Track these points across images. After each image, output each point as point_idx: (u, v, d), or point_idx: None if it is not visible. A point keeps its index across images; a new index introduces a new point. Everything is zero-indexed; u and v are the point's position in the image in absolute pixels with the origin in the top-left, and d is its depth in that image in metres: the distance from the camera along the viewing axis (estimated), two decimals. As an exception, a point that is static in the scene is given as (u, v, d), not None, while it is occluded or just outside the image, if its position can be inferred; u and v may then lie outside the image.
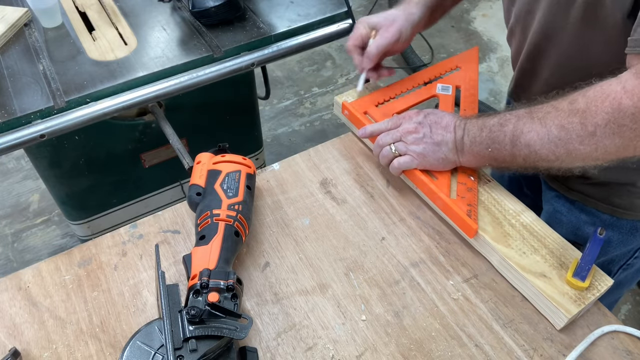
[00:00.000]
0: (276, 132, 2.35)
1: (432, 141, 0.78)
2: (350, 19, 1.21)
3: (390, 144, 0.81)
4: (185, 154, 1.06)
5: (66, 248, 1.37)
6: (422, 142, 0.79)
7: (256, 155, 1.62)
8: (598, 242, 0.70)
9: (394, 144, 0.81)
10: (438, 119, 0.79)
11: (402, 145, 0.80)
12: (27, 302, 0.73)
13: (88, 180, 1.35)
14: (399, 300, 0.73)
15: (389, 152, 0.81)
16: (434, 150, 0.78)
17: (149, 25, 1.18)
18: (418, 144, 0.79)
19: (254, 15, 1.20)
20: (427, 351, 0.68)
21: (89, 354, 0.68)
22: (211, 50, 1.11)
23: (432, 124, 0.79)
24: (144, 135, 1.31)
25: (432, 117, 0.80)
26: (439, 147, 0.78)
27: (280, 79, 2.60)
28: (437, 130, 0.78)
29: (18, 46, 1.11)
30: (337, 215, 0.83)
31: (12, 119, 0.97)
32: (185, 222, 0.83)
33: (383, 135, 0.83)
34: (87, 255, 0.78)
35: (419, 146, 0.79)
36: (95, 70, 1.06)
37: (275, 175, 0.89)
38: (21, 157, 2.21)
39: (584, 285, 0.68)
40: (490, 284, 0.75)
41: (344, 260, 0.78)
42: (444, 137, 0.78)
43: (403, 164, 0.80)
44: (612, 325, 0.69)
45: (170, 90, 1.08)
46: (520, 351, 0.68)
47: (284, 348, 0.68)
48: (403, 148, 0.80)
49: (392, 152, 0.81)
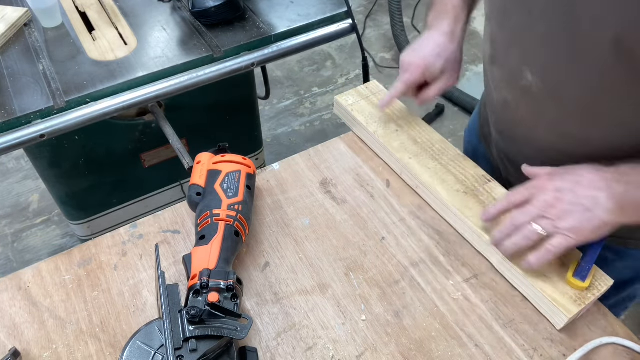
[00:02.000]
0: (276, 132, 2.35)
1: (582, 208, 0.62)
2: (350, 19, 1.21)
3: (532, 223, 0.64)
4: (185, 154, 1.06)
5: (66, 248, 1.37)
6: (571, 213, 0.62)
7: (256, 155, 1.62)
8: (599, 242, 0.70)
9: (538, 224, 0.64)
10: (577, 177, 0.64)
11: (548, 224, 0.64)
12: (27, 302, 0.73)
13: (88, 180, 1.35)
14: (399, 300, 0.73)
15: (534, 234, 0.64)
16: (589, 219, 0.62)
17: (149, 25, 1.18)
18: (567, 218, 0.63)
19: (254, 15, 1.20)
20: (427, 351, 0.68)
21: (89, 354, 0.68)
22: (211, 50, 1.11)
23: (574, 186, 0.63)
24: (144, 135, 1.31)
25: (569, 177, 0.64)
26: (592, 213, 0.62)
27: (280, 79, 2.60)
28: (582, 191, 0.63)
29: (18, 46, 1.11)
30: (337, 215, 0.83)
31: (12, 119, 0.97)
32: (185, 222, 0.83)
33: (517, 213, 0.66)
34: (87, 255, 0.78)
35: (568, 220, 0.63)
36: (95, 70, 1.06)
37: (275, 175, 0.89)
38: (21, 157, 2.21)
39: (584, 285, 0.68)
40: (490, 284, 0.75)
41: (344, 260, 0.78)
42: (595, 198, 0.62)
43: (559, 246, 0.63)
44: (611, 337, 0.69)
45: (170, 90, 1.08)
46: (520, 351, 0.68)
47: (284, 348, 0.68)
48: (550, 227, 0.63)
49: (540, 233, 0.64)
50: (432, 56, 0.82)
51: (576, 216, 0.62)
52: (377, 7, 2.98)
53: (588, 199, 0.62)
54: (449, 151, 0.87)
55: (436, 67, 0.83)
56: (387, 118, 0.92)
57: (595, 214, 0.62)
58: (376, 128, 0.91)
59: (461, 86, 2.50)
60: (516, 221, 0.66)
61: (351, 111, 0.94)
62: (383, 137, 0.89)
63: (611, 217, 0.62)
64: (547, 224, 0.64)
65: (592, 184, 0.63)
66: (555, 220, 0.63)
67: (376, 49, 2.74)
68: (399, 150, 0.87)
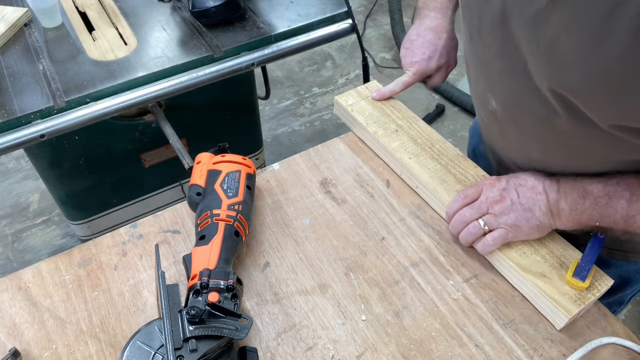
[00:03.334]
0: (276, 132, 2.35)
1: (522, 208, 0.70)
2: (350, 19, 1.21)
3: (478, 219, 0.72)
4: (185, 154, 1.06)
5: (66, 248, 1.37)
6: (512, 210, 0.70)
7: (256, 155, 1.62)
8: (599, 242, 0.70)
9: (481, 219, 0.72)
10: (522, 181, 0.71)
11: (491, 219, 0.71)
12: (27, 302, 0.73)
13: (88, 180, 1.35)
14: (399, 300, 0.73)
15: (478, 228, 0.72)
16: (527, 218, 0.69)
17: (149, 25, 1.18)
18: (508, 214, 0.70)
19: (254, 15, 1.20)
20: (427, 351, 0.68)
21: (89, 354, 0.68)
22: (211, 50, 1.11)
23: (518, 187, 0.71)
24: (144, 135, 1.32)
25: (514, 181, 0.72)
26: (531, 213, 0.69)
27: (280, 79, 2.60)
28: (524, 193, 0.70)
29: (18, 46, 1.11)
30: (337, 215, 0.83)
31: (12, 119, 0.97)
32: (185, 222, 0.83)
33: (466, 210, 0.74)
34: (87, 255, 0.78)
35: (509, 216, 0.70)
36: (95, 70, 1.06)
37: (275, 175, 0.89)
38: (21, 157, 2.22)
39: (584, 285, 0.68)
40: (490, 284, 0.75)
41: (344, 260, 0.78)
42: (535, 201, 0.69)
43: (498, 238, 0.71)
44: (611, 337, 0.69)
45: (170, 90, 1.08)
46: (520, 351, 0.68)
47: (284, 348, 0.68)
48: (493, 221, 0.71)
49: (482, 228, 0.72)
50: (424, 60, 0.92)
51: (517, 214, 0.70)
52: (377, 7, 2.98)
53: (528, 200, 0.69)
54: (448, 151, 0.87)
55: (430, 68, 0.92)
56: (387, 118, 0.92)
57: (534, 214, 0.69)
58: (376, 128, 0.91)
59: (461, 86, 2.50)
60: (465, 217, 0.74)
61: (351, 111, 0.94)
62: (383, 137, 0.89)
63: (547, 220, 0.69)
64: (491, 218, 0.71)
65: (533, 188, 0.70)
66: (498, 215, 0.71)
67: (376, 49, 2.74)
68: (398, 150, 0.87)
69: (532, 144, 0.71)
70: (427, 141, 0.89)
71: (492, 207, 0.71)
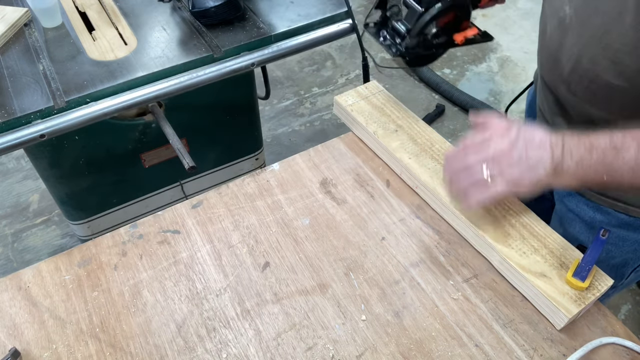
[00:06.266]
0: (276, 132, 2.35)
1: (527, 164, 0.66)
2: (350, 19, 1.21)
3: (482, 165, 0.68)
4: (185, 154, 1.06)
5: (66, 248, 1.37)
6: (517, 165, 0.67)
7: (256, 155, 1.62)
8: (600, 243, 0.70)
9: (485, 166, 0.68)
10: (530, 135, 0.68)
11: (495, 168, 0.67)
12: (27, 302, 0.73)
13: (88, 180, 1.35)
14: (399, 300, 0.73)
15: (480, 173, 0.68)
16: (530, 176, 0.66)
17: (149, 25, 1.18)
18: (513, 168, 0.67)
19: (254, 15, 1.19)
20: (427, 351, 0.68)
21: (89, 354, 0.68)
22: (211, 50, 1.11)
23: (527, 142, 0.67)
24: (144, 135, 1.31)
25: (524, 134, 0.68)
26: (534, 171, 0.66)
27: (280, 79, 2.60)
28: (532, 149, 0.67)
29: (18, 46, 1.11)
30: (337, 215, 0.83)
31: (12, 119, 0.97)
32: (185, 222, 0.83)
33: (470, 153, 0.69)
34: (87, 255, 0.78)
35: (514, 170, 0.67)
36: (95, 70, 1.06)
37: (275, 175, 0.89)
38: (21, 157, 2.21)
39: (584, 285, 0.68)
40: (490, 284, 0.75)
41: (344, 260, 0.78)
42: (540, 158, 0.66)
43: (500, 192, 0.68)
44: (611, 337, 0.69)
45: (170, 90, 1.08)
46: (520, 351, 0.68)
47: (284, 348, 0.68)
48: (497, 172, 0.67)
49: (484, 173, 0.68)
50: None
51: (521, 170, 0.67)
52: (377, 7, 2.97)
53: (535, 157, 0.66)
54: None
55: None
56: (387, 118, 0.92)
57: (536, 172, 0.66)
58: (376, 128, 0.91)
59: (461, 86, 2.50)
60: (469, 160, 0.69)
61: (351, 111, 0.94)
62: (383, 137, 0.89)
63: (548, 178, 0.66)
64: (494, 167, 0.68)
65: (541, 144, 0.67)
66: (503, 167, 0.67)
67: (376, 49, 2.74)
68: (398, 150, 0.87)
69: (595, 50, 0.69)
70: (427, 141, 0.89)
71: (499, 157, 0.68)
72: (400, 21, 0.79)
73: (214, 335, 0.70)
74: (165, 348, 0.69)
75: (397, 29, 0.79)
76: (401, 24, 0.79)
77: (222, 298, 0.74)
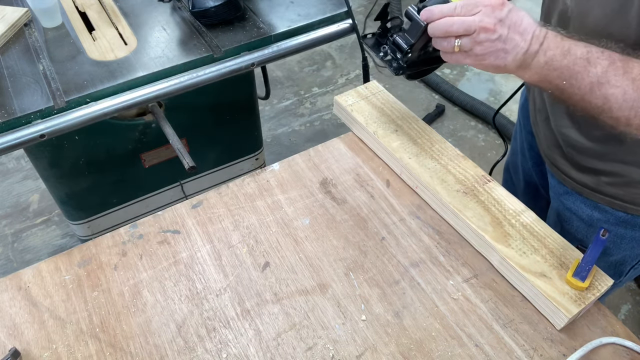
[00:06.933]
0: (276, 132, 2.35)
1: (503, 46, 0.66)
2: (350, 19, 1.21)
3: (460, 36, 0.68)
4: (185, 154, 1.06)
5: (66, 248, 1.37)
6: (493, 44, 0.67)
7: (256, 155, 1.62)
8: (600, 243, 0.70)
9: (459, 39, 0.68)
10: (519, 19, 0.67)
11: (468, 43, 0.68)
12: (27, 302, 0.73)
13: (88, 180, 1.35)
14: (399, 300, 0.73)
15: (452, 46, 0.69)
16: (500, 57, 0.67)
17: (149, 25, 1.18)
18: (487, 46, 0.67)
19: (254, 15, 1.19)
20: (427, 351, 0.68)
21: (89, 354, 0.68)
22: (211, 50, 1.11)
23: (512, 25, 0.67)
24: (144, 135, 1.31)
25: (514, 15, 0.67)
26: (506, 55, 0.67)
27: (280, 79, 2.60)
28: (514, 34, 0.66)
29: (18, 46, 1.11)
30: (337, 215, 0.83)
31: (12, 119, 0.97)
32: (185, 222, 0.83)
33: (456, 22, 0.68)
34: (87, 255, 0.78)
35: (485, 46, 0.67)
36: (95, 70, 1.06)
37: (275, 175, 0.89)
38: (21, 157, 2.21)
39: (584, 285, 0.68)
40: (490, 284, 0.75)
41: (344, 260, 0.78)
42: (517, 45, 0.66)
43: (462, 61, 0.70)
44: (611, 337, 0.69)
45: (170, 90, 1.08)
46: (520, 351, 0.68)
47: (284, 348, 0.68)
48: (469, 45, 0.68)
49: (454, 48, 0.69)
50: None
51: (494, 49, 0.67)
52: (377, 7, 2.97)
53: (512, 42, 0.66)
54: (448, 151, 0.87)
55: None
56: (387, 118, 0.93)
57: (507, 56, 0.67)
58: (376, 128, 0.91)
59: (461, 86, 2.50)
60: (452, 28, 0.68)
61: (351, 111, 0.94)
62: (382, 137, 0.89)
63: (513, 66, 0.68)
64: (467, 42, 0.67)
65: (524, 31, 0.67)
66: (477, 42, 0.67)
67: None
68: (398, 150, 0.87)
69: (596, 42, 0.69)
70: (427, 141, 0.89)
71: (479, 33, 0.67)
72: (401, 35, 0.77)
73: (214, 335, 0.70)
74: (165, 348, 0.69)
75: (399, 44, 0.77)
76: (401, 38, 0.76)
77: (222, 298, 0.74)
